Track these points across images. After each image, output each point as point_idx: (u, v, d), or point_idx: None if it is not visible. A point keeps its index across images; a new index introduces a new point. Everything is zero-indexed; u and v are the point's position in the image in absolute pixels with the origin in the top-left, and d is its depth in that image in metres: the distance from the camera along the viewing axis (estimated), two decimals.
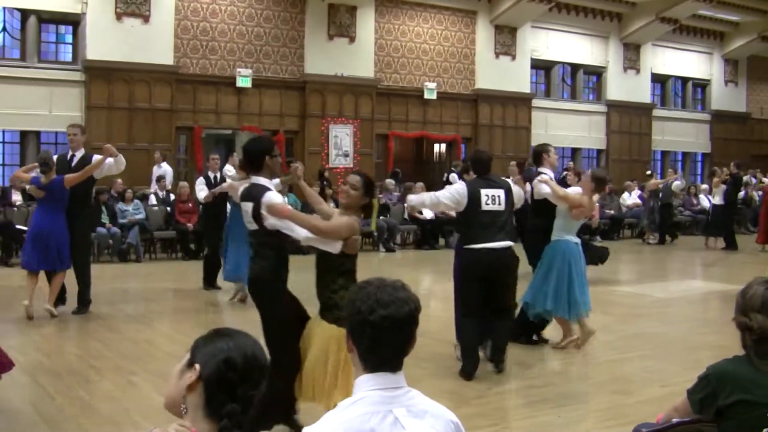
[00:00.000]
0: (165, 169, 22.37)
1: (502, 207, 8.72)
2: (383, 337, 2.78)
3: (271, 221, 6.43)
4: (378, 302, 2.77)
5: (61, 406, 7.59)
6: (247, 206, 6.67)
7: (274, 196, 6.52)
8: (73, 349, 10.13)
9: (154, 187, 22.05)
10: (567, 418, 7.29)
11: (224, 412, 2.55)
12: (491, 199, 8.67)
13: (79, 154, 12.13)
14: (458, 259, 9.29)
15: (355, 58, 26.42)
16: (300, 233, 6.32)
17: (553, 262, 9.81)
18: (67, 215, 12.06)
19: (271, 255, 6.67)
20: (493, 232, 8.66)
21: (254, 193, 6.64)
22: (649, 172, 27.96)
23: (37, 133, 22.87)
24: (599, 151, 32.92)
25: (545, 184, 10.03)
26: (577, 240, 10.03)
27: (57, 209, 11.98)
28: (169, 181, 22.16)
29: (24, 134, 22.79)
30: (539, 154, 11.00)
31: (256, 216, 6.55)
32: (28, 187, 12.23)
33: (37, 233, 12.00)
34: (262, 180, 6.81)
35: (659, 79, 35.07)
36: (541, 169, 10.62)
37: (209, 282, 15.10)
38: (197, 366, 2.62)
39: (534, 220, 10.88)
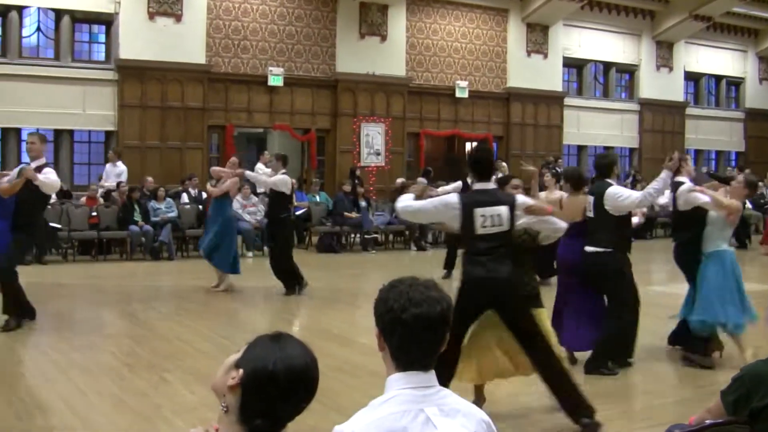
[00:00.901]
0: (120, 168, 21.38)
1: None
2: (415, 336, 2.76)
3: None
4: (410, 301, 2.75)
5: (93, 403, 7.63)
6: (501, 209, 6.91)
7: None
8: (105, 346, 10.17)
9: (108, 182, 21.10)
10: (599, 418, 7.24)
11: (253, 425, 2.56)
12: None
13: (36, 163, 11.57)
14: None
15: (387, 57, 26.42)
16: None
17: (720, 274, 9.24)
18: (14, 226, 11.01)
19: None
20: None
21: (504, 198, 7.04)
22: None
23: (71, 132, 23.02)
24: (631, 150, 32.76)
25: (701, 194, 9.29)
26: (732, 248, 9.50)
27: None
28: (124, 179, 20.87)
29: (58, 133, 22.92)
30: (678, 162, 9.47)
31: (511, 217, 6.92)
32: None
33: None
34: (490, 185, 7.14)
35: (692, 77, 34.84)
36: (680, 178, 9.80)
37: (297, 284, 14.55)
38: (240, 371, 2.63)
39: (680, 233, 10.01)
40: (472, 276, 6.95)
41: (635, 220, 9.99)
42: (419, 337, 2.77)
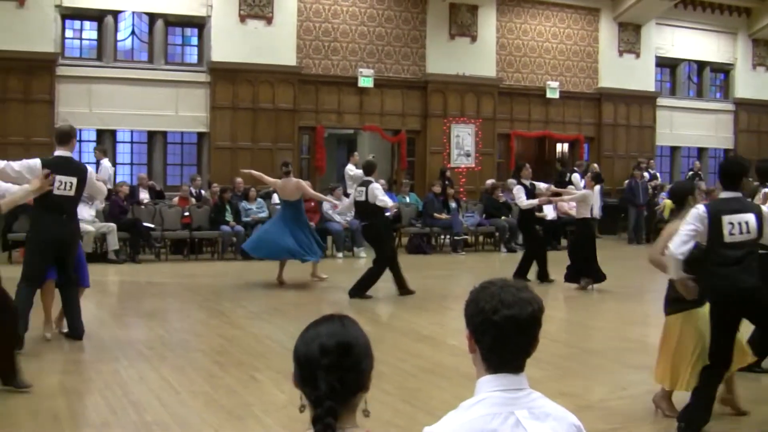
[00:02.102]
0: (104, 165, 20.49)
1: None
2: (506, 338, 2.73)
3: None
4: (502, 302, 2.72)
5: (185, 400, 7.72)
6: (748, 217, 6.91)
7: None
8: (197, 345, 10.29)
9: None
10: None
11: (317, 413, 2.54)
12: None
13: None
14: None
15: (477, 58, 26.32)
16: None
17: None
18: None
19: None
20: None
21: (751, 206, 7.08)
22: None
23: (164, 134, 23.35)
24: (726, 151, 32.09)
25: None
26: None
27: None
28: (108, 178, 19.74)
29: (151, 134, 23.29)
30: None
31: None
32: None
33: None
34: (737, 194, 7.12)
35: None
36: None
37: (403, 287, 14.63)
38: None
39: None
40: (722, 289, 6.91)
41: None
42: (510, 339, 2.74)
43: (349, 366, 2.58)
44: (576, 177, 24.82)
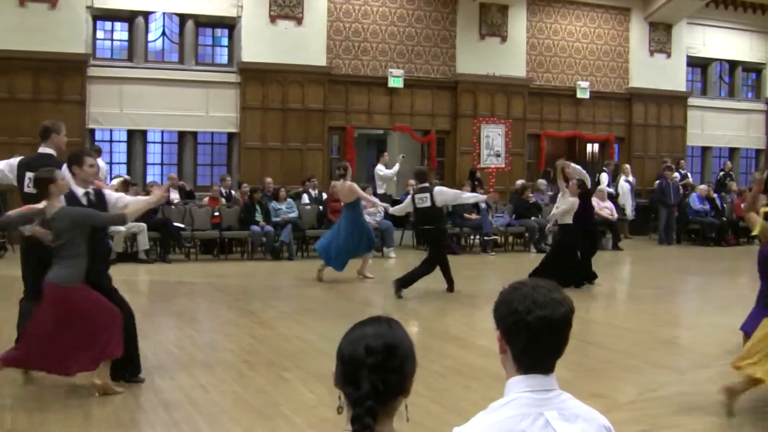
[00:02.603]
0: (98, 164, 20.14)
1: None
2: (539, 339, 2.73)
3: None
4: (534, 303, 2.71)
5: (214, 399, 7.74)
6: None
7: None
8: (227, 344, 10.32)
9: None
10: (720, 427, 7.06)
11: (355, 413, 2.54)
12: None
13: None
14: None
15: (507, 58, 26.27)
16: None
17: None
18: None
19: None
20: None
21: None
22: None
23: (194, 134, 23.44)
24: (758, 151, 31.88)
25: None
26: None
27: None
28: (102, 178, 18.61)
29: (181, 135, 23.40)
30: None
31: None
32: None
33: None
34: None
35: None
36: None
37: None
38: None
39: None
40: None
41: None
42: (543, 340, 2.74)
43: (393, 367, 2.59)
44: (603, 177, 24.80)
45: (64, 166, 8.33)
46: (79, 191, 8.14)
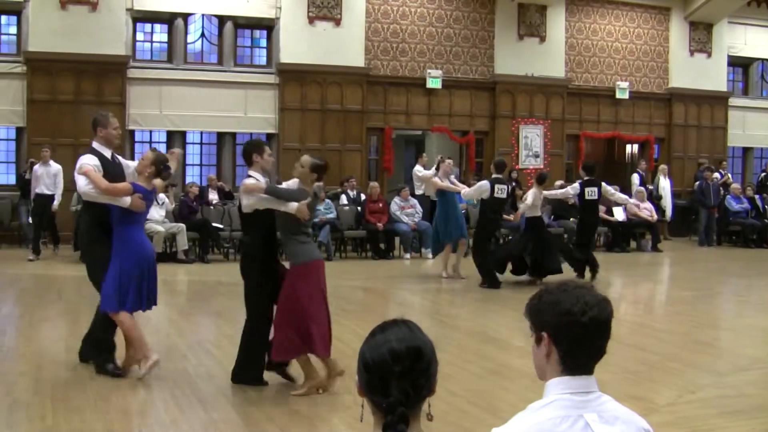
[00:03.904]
0: (55, 167, 18.50)
1: None
2: (590, 340, 2.74)
3: None
4: (587, 304, 2.72)
5: (251, 398, 7.77)
6: None
7: None
8: None
9: (40, 187, 18.34)
10: (761, 431, 7.00)
11: (386, 420, 2.53)
12: None
13: None
14: None
15: (546, 58, 26.19)
16: None
17: None
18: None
19: None
20: None
21: None
22: None
23: (233, 135, 23.55)
24: None
25: None
26: None
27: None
28: (59, 181, 18.42)
29: (220, 135, 23.53)
30: None
31: None
32: (128, 199, 8.29)
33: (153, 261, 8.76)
34: None
35: None
36: None
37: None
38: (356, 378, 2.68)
39: None
40: None
41: None
42: (592, 341, 2.75)
43: (420, 370, 2.57)
44: (635, 177, 24.72)
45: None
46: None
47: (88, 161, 8.49)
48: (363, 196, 21.52)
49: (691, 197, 26.40)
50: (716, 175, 25.55)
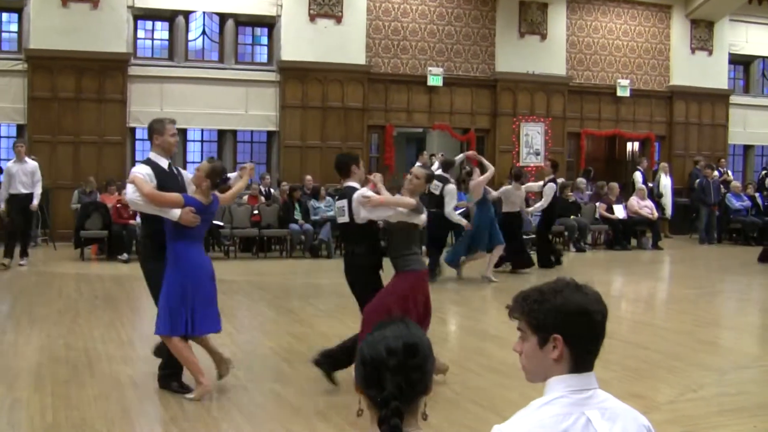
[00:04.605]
0: (31, 165, 17.31)
1: None
2: (596, 337, 2.75)
3: None
4: (597, 302, 2.75)
5: (253, 397, 7.77)
6: None
7: None
8: (266, 342, 10.36)
9: (16, 186, 17.04)
10: (762, 429, 7.00)
11: (382, 414, 2.53)
12: None
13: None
14: None
15: (547, 56, 26.18)
16: None
17: None
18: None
19: None
20: None
21: None
22: None
23: (234, 132, 23.57)
24: None
25: None
26: None
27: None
28: (37, 179, 17.33)
29: (221, 133, 23.56)
30: None
31: None
32: (177, 211, 7.72)
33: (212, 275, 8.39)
34: None
35: None
36: None
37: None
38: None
39: None
40: None
41: None
42: (599, 339, 2.76)
43: (415, 366, 2.57)
44: (637, 175, 24.71)
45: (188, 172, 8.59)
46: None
47: (139, 170, 7.96)
48: None
49: (691, 195, 26.37)
50: (715, 173, 25.51)
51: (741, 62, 30.35)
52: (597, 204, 23.08)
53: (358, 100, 23.92)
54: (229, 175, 8.66)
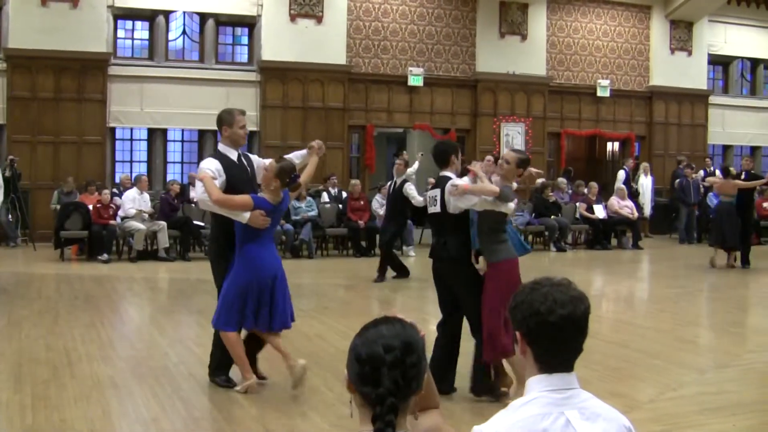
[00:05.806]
0: None
1: None
2: (562, 338, 2.72)
3: None
4: (556, 302, 2.70)
5: (233, 397, 7.73)
6: None
7: None
8: None
9: None
10: (741, 428, 7.02)
11: (374, 413, 2.52)
12: None
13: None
14: None
15: (527, 56, 26.24)
16: None
17: None
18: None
19: None
20: None
21: None
22: None
23: (215, 132, 23.45)
24: None
25: None
26: None
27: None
28: None
29: (202, 133, 23.51)
30: None
31: None
32: (246, 214, 7.63)
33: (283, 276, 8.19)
34: None
35: None
36: None
37: None
38: (345, 372, 2.65)
39: None
40: None
41: None
42: (566, 339, 2.73)
43: (411, 363, 2.57)
44: (621, 175, 24.80)
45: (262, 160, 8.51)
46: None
47: (207, 165, 7.92)
48: (344, 194, 21.51)
49: (671, 195, 26.46)
50: (700, 173, 25.58)
51: (720, 63, 30.51)
52: (577, 204, 23.14)
53: (338, 100, 23.92)
54: (295, 153, 8.62)
